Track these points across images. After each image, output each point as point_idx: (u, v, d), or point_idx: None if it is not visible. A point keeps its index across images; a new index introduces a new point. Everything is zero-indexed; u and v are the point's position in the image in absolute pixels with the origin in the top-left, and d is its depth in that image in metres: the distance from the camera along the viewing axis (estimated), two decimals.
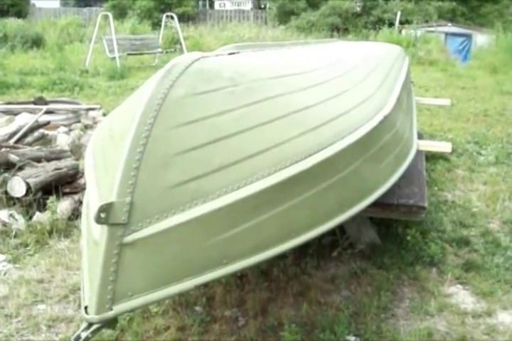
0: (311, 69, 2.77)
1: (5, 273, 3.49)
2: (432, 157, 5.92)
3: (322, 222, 2.11)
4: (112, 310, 1.60)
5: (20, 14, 26.43)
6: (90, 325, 1.59)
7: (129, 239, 1.62)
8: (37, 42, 16.80)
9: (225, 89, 1.98)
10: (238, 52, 2.59)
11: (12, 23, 18.30)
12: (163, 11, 20.03)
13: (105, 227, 1.59)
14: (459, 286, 3.41)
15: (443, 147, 3.59)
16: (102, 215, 1.57)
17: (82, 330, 1.59)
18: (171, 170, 1.71)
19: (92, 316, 1.58)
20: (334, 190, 2.16)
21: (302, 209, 2.01)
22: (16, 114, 5.84)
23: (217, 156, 1.81)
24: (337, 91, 2.58)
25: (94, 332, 1.59)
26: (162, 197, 1.69)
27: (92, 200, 1.88)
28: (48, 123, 5.26)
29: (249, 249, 1.85)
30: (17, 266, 3.60)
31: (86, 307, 1.62)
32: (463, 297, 3.29)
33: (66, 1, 57.95)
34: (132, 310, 1.69)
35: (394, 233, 3.91)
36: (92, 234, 1.72)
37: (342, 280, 3.41)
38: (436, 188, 5.11)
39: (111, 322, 1.65)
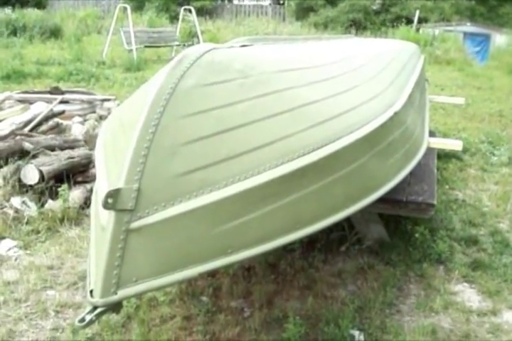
0: (322, 63, 2.78)
1: (16, 259, 3.55)
2: (444, 156, 5.91)
3: (327, 215, 2.12)
4: (116, 294, 1.62)
5: (40, 5, 26.61)
6: (95, 308, 1.62)
7: (135, 225, 1.64)
8: (55, 33, 16.93)
9: (235, 81, 1.99)
10: (250, 45, 2.61)
11: (31, 13, 18.42)
12: (181, 5, 20.06)
13: (112, 213, 1.62)
14: (466, 284, 3.41)
15: (454, 145, 3.59)
16: (110, 201, 1.60)
17: (87, 313, 1.62)
18: (178, 158, 1.73)
19: (97, 300, 1.61)
20: (340, 184, 2.17)
21: (308, 202, 2.03)
22: (31, 103, 5.90)
23: (224, 147, 1.83)
24: (347, 86, 2.59)
25: (98, 315, 1.62)
26: (169, 185, 1.71)
27: (101, 187, 1.91)
28: (63, 112, 5.32)
29: (254, 239, 1.87)
30: (28, 252, 3.65)
31: (91, 291, 1.65)
32: (469, 295, 3.30)
33: None
34: (136, 295, 1.72)
35: (402, 230, 3.92)
36: (100, 219, 1.74)
37: (349, 275, 3.43)
38: (447, 187, 5.10)
39: (115, 307, 1.68)
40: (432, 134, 5.37)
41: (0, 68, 10.32)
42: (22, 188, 4.11)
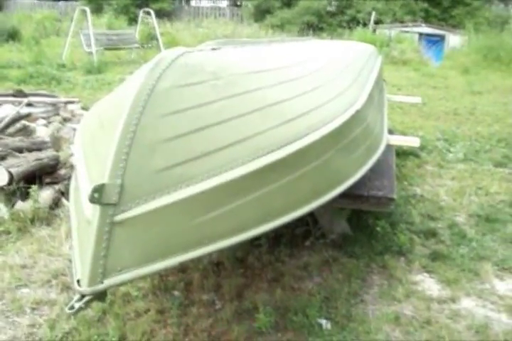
0: (286, 65, 2.93)
1: None
2: (402, 153, 6.13)
3: (296, 207, 2.26)
4: (102, 283, 1.73)
5: None
6: (83, 296, 1.73)
7: (119, 218, 1.75)
8: (13, 36, 16.71)
9: (207, 83, 2.12)
10: (220, 48, 2.74)
11: None
12: (139, 7, 20.03)
13: (97, 207, 1.73)
14: (426, 274, 3.59)
15: (411, 142, 3.78)
16: (95, 195, 1.70)
17: (75, 301, 1.73)
18: (158, 155, 1.85)
19: (85, 288, 1.71)
20: (307, 179, 2.31)
21: (277, 196, 2.16)
22: None
23: (199, 144, 1.95)
24: (311, 86, 2.73)
25: (86, 303, 1.73)
26: (150, 180, 1.82)
27: (82, 183, 2.01)
28: (30, 115, 5.35)
29: (227, 231, 2.00)
30: (0, 252, 3.69)
31: (78, 281, 1.75)
32: (429, 284, 3.47)
33: None
34: (122, 284, 1.83)
35: (364, 224, 4.09)
36: (84, 214, 1.85)
37: (314, 267, 3.57)
38: (406, 183, 5.31)
39: (101, 295, 1.78)
40: (390, 132, 5.58)
41: None
42: None
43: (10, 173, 4.06)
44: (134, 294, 3.17)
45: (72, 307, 1.72)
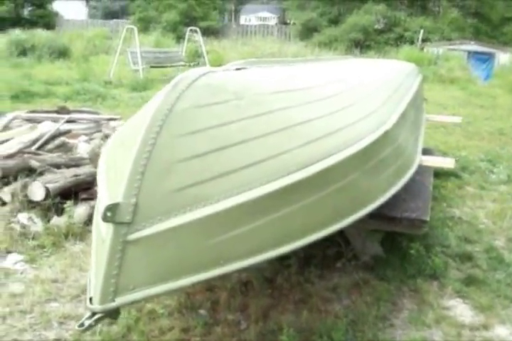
0: (316, 84, 2.92)
1: (21, 273, 3.66)
2: (443, 174, 6.02)
3: (317, 229, 2.23)
4: (114, 301, 1.74)
5: (49, 25, 27.12)
6: (94, 314, 1.74)
7: (132, 237, 1.76)
8: (63, 53, 17.28)
9: (229, 102, 2.12)
10: (245, 68, 2.75)
11: (40, 34, 18.77)
12: (188, 25, 20.43)
13: (111, 225, 1.74)
14: (459, 300, 3.49)
15: (446, 163, 3.68)
16: (109, 214, 1.72)
17: (86, 319, 1.74)
18: (173, 175, 1.86)
19: (96, 306, 1.72)
20: (331, 200, 2.28)
21: (298, 217, 2.14)
22: (39, 122, 6.06)
23: (217, 164, 1.95)
24: (340, 106, 2.71)
25: (96, 321, 1.74)
26: (165, 200, 1.83)
27: (101, 201, 2.03)
28: (69, 131, 5.47)
29: (244, 252, 1.99)
30: (33, 266, 3.76)
31: (91, 298, 1.76)
32: (461, 310, 3.37)
33: (94, 12, 59.23)
34: (133, 303, 1.83)
35: (398, 246, 4.01)
36: (100, 232, 1.86)
37: (343, 289, 3.51)
38: (444, 204, 5.20)
39: (113, 313, 1.79)
40: (429, 152, 5.49)
41: (9, 88, 10.54)
42: (29, 204, 4.23)
43: (46, 189, 4.15)
44: (159, 311, 3.17)
45: (82, 325, 1.73)
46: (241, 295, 3.40)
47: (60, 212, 4.24)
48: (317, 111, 2.48)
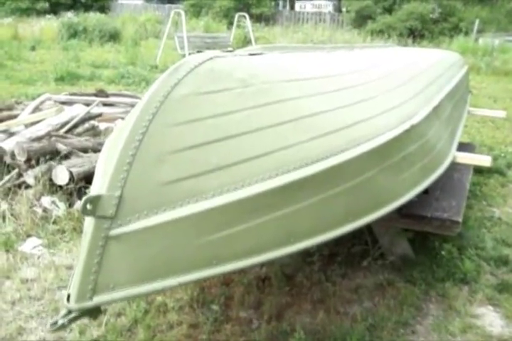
0: (338, 73, 2.71)
1: (38, 257, 3.61)
2: (487, 171, 5.71)
3: (326, 230, 2.06)
4: (92, 300, 1.62)
5: (103, 9, 27.36)
6: (69, 312, 1.63)
7: (115, 232, 1.64)
8: (114, 37, 17.38)
9: (233, 90, 1.96)
10: (261, 53, 2.58)
11: (92, 17, 18.92)
12: (241, 11, 20.25)
13: (92, 219, 1.62)
14: (490, 307, 3.26)
15: (482, 160, 3.44)
16: (89, 207, 1.59)
17: (61, 317, 1.63)
18: (165, 167, 1.72)
19: (72, 304, 1.61)
20: (342, 199, 2.10)
21: (304, 216, 1.98)
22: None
23: (215, 156, 1.80)
24: (361, 97, 2.52)
25: (71, 320, 1.62)
26: (153, 193, 1.70)
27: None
28: (100, 115, 5.41)
29: (241, 252, 1.84)
30: (51, 251, 3.71)
31: (69, 296, 1.65)
32: (491, 319, 3.14)
33: None
34: (113, 302, 1.71)
35: (429, 246, 3.79)
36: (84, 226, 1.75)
37: (366, 290, 3.33)
38: (484, 203, 4.93)
39: (92, 312, 1.67)
40: (470, 148, 5.22)
41: (55, 70, 10.62)
42: (52, 188, 4.19)
43: (70, 173, 4.09)
44: (170, 305, 3.07)
45: (54, 323, 1.62)
46: (257, 291, 3.26)
47: (83, 196, 4.18)
48: (334, 103, 2.29)
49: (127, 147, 1.68)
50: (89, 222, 1.64)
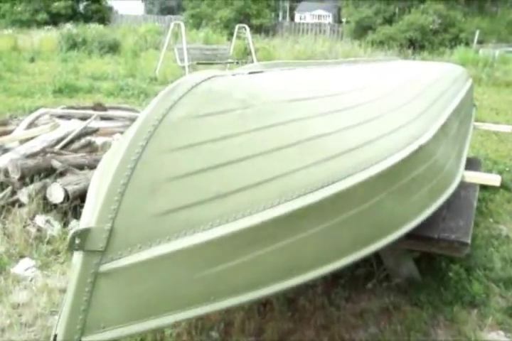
0: (342, 91, 2.60)
1: (31, 280, 3.48)
2: (492, 186, 5.58)
3: (331, 260, 1.94)
4: None
5: (103, 20, 27.41)
6: None
7: (105, 267, 1.52)
8: (113, 48, 17.33)
9: (233, 112, 1.85)
10: (262, 71, 2.47)
11: (92, 28, 18.90)
12: (241, 22, 20.25)
13: (80, 254, 1.50)
14: (501, 333, 3.12)
15: (491, 180, 3.32)
16: (77, 241, 1.48)
17: None
18: (160, 196, 1.60)
19: None
20: (348, 226, 1.99)
21: (308, 246, 1.86)
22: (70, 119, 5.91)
23: (214, 184, 1.69)
24: (369, 116, 2.40)
25: None
26: (147, 225, 1.58)
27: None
28: (97, 130, 5.30)
29: (241, 286, 1.72)
30: (45, 272, 3.58)
31: (55, 336, 1.53)
32: None
33: (151, 8, 59.95)
34: None
35: (436, 267, 3.66)
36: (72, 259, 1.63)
37: (371, 315, 3.19)
38: (491, 220, 4.80)
39: None
40: (475, 163, 5.11)
41: (53, 82, 10.53)
42: (47, 206, 4.07)
43: (65, 191, 3.97)
44: (167, 332, 2.93)
45: None
46: (258, 317, 3.12)
47: (78, 215, 4.06)
48: (340, 123, 2.18)
49: (118, 176, 1.56)
50: (77, 257, 1.52)
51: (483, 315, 3.25)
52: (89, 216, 1.57)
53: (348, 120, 2.26)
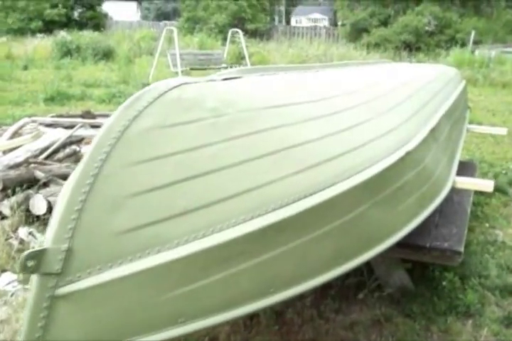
0: (326, 96, 2.49)
1: (12, 295, 3.37)
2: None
3: (311, 276, 1.83)
4: None
5: (98, 27, 27.33)
6: None
7: (62, 291, 1.41)
8: (107, 55, 17.25)
9: (205, 121, 1.74)
10: (238, 77, 2.36)
11: (86, 35, 18.83)
12: (236, 27, 20.19)
13: (35, 277, 1.39)
14: None
15: (484, 186, 3.19)
16: (30, 264, 1.37)
17: None
18: (121, 213, 1.49)
19: None
20: (331, 239, 1.88)
21: (286, 262, 1.75)
22: (66, 127, 5.81)
23: (182, 198, 1.58)
24: (353, 122, 2.30)
25: None
26: (107, 244, 1.47)
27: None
28: (82, 139, 5.20)
29: (212, 307, 1.60)
30: (26, 287, 3.47)
31: None
32: None
33: (146, 14, 59.98)
34: None
35: (429, 276, 3.56)
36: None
37: (362, 327, 3.08)
38: (487, 225, 4.68)
39: None
40: (470, 167, 5.01)
41: (45, 90, 10.43)
42: (29, 218, 3.96)
43: (48, 202, 3.87)
44: None
45: None
46: (245, 331, 3.01)
47: None
48: (321, 130, 2.06)
49: (76, 192, 1.46)
50: (33, 280, 1.41)
51: (478, 326, 3.14)
52: (47, 235, 1.46)
53: (332, 126, 2.15)
